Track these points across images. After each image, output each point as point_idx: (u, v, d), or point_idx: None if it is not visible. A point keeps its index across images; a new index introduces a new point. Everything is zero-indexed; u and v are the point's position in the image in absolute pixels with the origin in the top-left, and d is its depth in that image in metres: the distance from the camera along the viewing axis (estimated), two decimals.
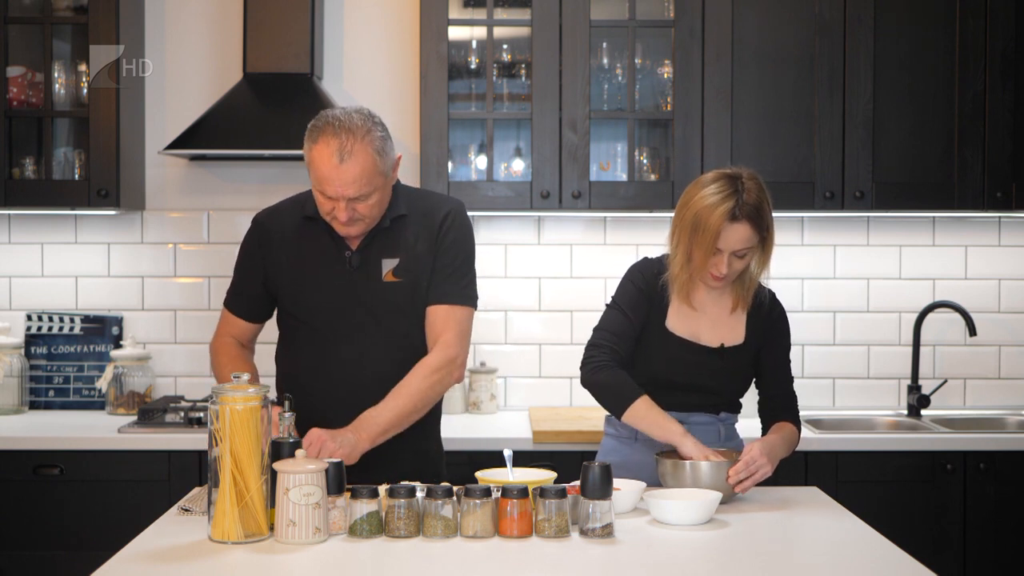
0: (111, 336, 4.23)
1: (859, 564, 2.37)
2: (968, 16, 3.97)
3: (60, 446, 3.71)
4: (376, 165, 2.76)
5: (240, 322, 3.05)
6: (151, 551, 2.36)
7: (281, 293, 2.95)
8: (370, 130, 2.76)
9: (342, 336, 2.89)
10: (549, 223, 4.29)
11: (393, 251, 2.89)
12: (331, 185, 2.74)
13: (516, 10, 4.11)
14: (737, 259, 2.86)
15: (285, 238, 2.94)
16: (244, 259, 3.02)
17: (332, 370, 2.89)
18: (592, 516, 2.44)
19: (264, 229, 2.98)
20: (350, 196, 2.75)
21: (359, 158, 2.73)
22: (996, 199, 3.98)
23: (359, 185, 2.74)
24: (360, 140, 2.73)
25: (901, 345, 4.31)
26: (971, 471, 3.76)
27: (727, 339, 2.97)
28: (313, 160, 2.76)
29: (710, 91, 3.97)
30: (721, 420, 3.02)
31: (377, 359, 2.88)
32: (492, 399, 4.18)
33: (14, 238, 4.27)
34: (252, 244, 3.00)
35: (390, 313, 2.89)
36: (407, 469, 2.86)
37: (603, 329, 2.97)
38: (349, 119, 2.76)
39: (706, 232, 2.81)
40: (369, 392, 2.85)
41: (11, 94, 3.96)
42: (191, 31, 4.27)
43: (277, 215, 3.00)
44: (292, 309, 2.95)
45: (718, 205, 2.80)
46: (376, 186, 2.78)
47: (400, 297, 2.89)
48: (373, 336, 2.89)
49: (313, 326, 2.92)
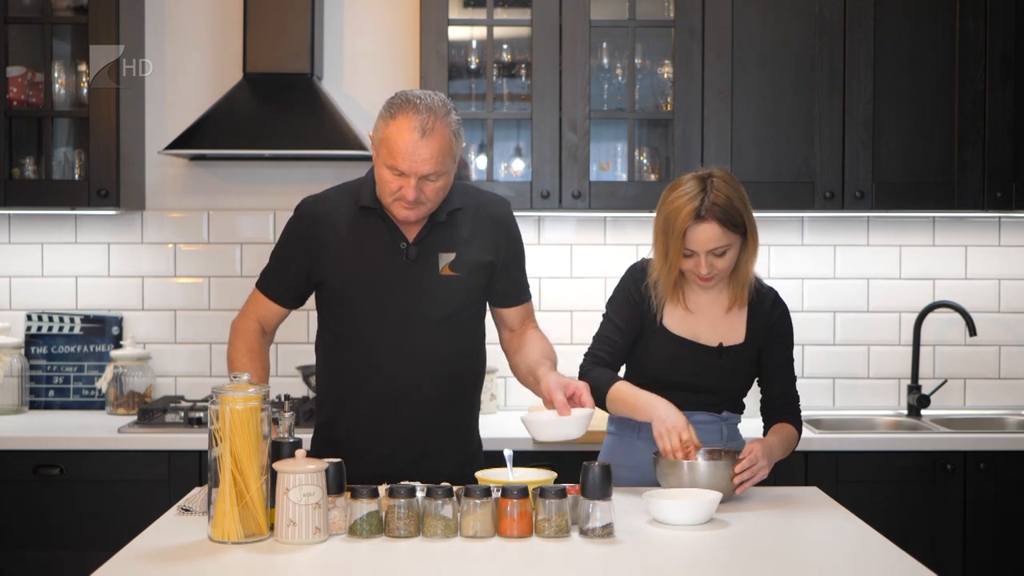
0: (111, 336, 4.23)
1: (859, 564, 2.37)
2: (968, 16, 3.98)
3: (60, 446, 3.71)
4: (452, 146, 2.78)
5: (272, 306, 2.99)
6: (151, 551, 2.36)
7: (331, 282, 2.91)
8: (449, 111, 2.79)
9: (396, 328, 2.88)
10: (549, 223, 4.29)
11: (450, 245, 2.90)
12: (408, 159, 2.73)
13: (516, 10, 4.12)
14: (716, 258, 2.88)
15: (338, 227, 2.90)
16: (289, 243, 2.96)
17: (384, 362, 2.88)
18: (592, 516, 2.45)
19: (314, 217, 2.92)
20: (424, 173, 2.74)
21: (439, 135, 2.74)
22: (996, 199, 3.98)
23: (435, 162, 2.75)
24: (441, 119, 2.76)
25: (901, 345, 4.32)
26: (971, 471, 3.76)
27: (726, 338, 2.98)
28: (390, 135, 2.75)
29: (710, 91, 3.97)
30: (723, 419, 3.02)
31: (430, 351, 2.89)
32: (492, 399, 4.18)
33: (14, 238, 4.27)
34: (300, 229, 2.94)
35: (445, 306, 2.90)
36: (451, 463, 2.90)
37: (596, 338, 3.05)
38: (430, 99, 2.78)
39: (674, 233, 2.86)
40: (420, 384, 2.87)
41: (11, 94, 3.96)
42: (191, 31, 4.27)
43: (327, 203, 2.95)
44: (343, 298, 2.91)
45: (684, 206, 2.84)
46: (447, 168, 2.80)
47: (455, 291, 2.91)
48: (427, 328, 2.89)
49: (366, 317, 2.89)
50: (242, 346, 2.95)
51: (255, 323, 2.99)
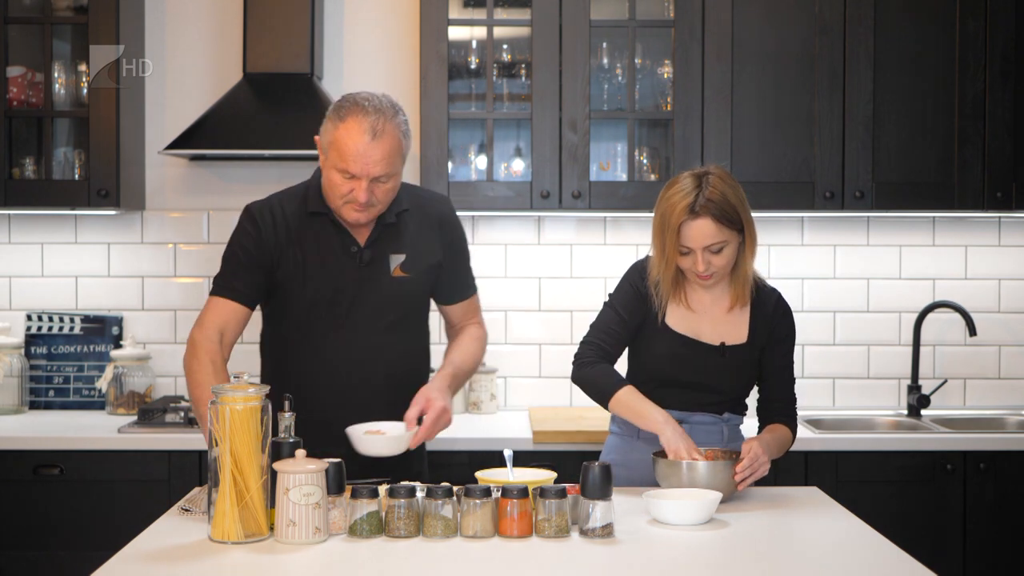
0: (111, 336, 4.23)
1: (859, 564, 2.37)
2: (968, 16, 3.97)
3: (60, 446, 3.71)
4: (401, 147, 2.80)
5: (235, 308, 2.88)
6: (151, 551, 2.36)
7: (285, 287, 2.91)
8: (397, 112, 2.81)
9: (351, 331, 2.90)
10: (549, 223, 4.29)
11: (399, 247, 2.93)
12: (359, 162, 2.74)
13: (516, 10, 4.11)
14: (713, 255, 2.88)
15: (289, 231, 2.90)
16: (246, 244, 2.90)
17: (339, 364, 2.90)
18: (592, 516, 2.45)
19: (266, 221, 2.90)
20: (376, 175, 2.76)
21: (390, 136, 2.76)
22: (996, 199, 3.98)
23: (386, 164, 2.76)
24: (391, 120, 2.77)
25: (901, 345, 4.31)
26: (971, 471, 3.76)
27: (728, 338, 2.98)
28: (340, 138, 2.75)
29: (710, 91, 3.97)
30: (724, 421, 3.02)
31: (383, 352, 2.92)
32: (492, 399, 4.18)
33: (14, 238, 4.27)
34: (253, 231, 2.90)
35: (398, 307, 2.94)
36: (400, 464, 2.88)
37: (596, 327, 3.02)
38: (378, 100, 2.79)
39: (669, 229, 2.87)
40: (377, 384, 2.90)
41: (11, 94, 3.96)
42: (191, 31, 4.27)
43: (275, 208, 2.93)
44: (297, 303, 2.91)
45: (679, 202, 2.86)
46: (397, 169, 2.81)
47: (407, 292, 2.95)
48: (381, 330, 2.92)
49: (320, 320, 2.90)
50: (205, 357, 2.83)
51: (215, 333, 2.88)
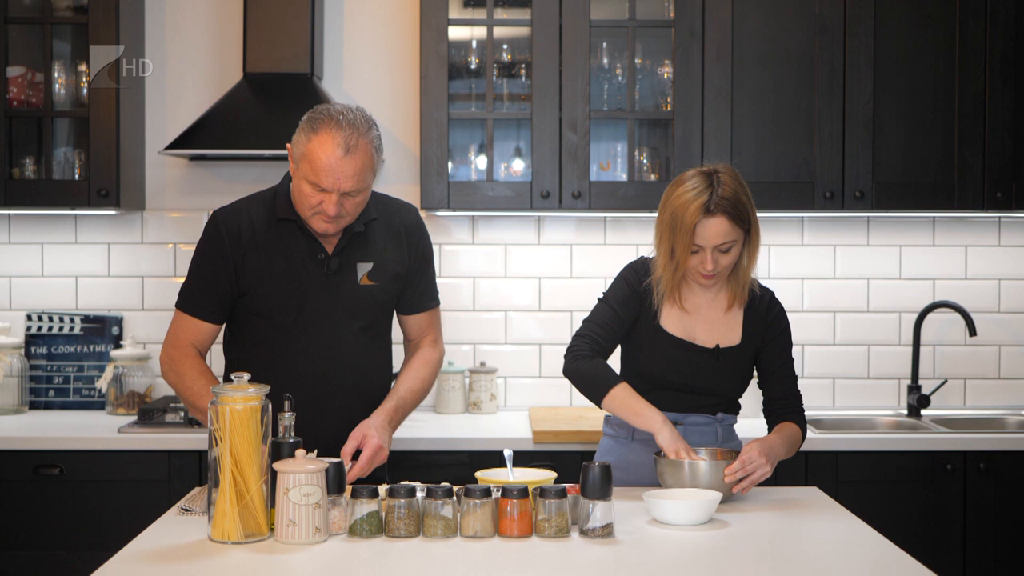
0: (111, 336, 4.23)
1: (859, 564, 2.37)
2: (968, 16, 3.98)
3: (60, 446, 3.71)
4: (373, 162, 2.81)
5: (203, 326, 2.92)
6: (151, 551, 2.36)
7: (252, 294, 2.89)
8: (370, 128, 2.81)
9: (317, 339, 2.91)
10: (549, 223, 4.29)
11: (366, 255, 2.94)
12: (330, 176, 2.74)
13: (516, 10, 4.12)
14: (721, 254, 2.87)
15: (256, 238, 2.89)
16: (212, 257, 2.89)
17: (304, 371, 2.90)
18: (592, 516, 2.45)
19: (233, 229, 2.88)
20: (347, 190, 2.76)
21: (362, 152, 2.76)
22: (996, 199, 3.98)
23: (357, 179, 2.76)
24: (364, 135, 2.77)
25: (901, 345, 4.32)
26: (971, 471, 3.76)
27: (722, 340, 2.97)
28: (312, 151, 2.75)
29: (710, 91, 3.97)
30: (718, 421, 3.01)
31: (350, 360, 2.93)
32: (492, 399, 4.18)
33: (14, 238, 4.27)
34: (219, 242, 2.89)
35: (365, 315, 2.95)
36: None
37: (590, 321, 3.01)
38: (352, 114, 2.79)
39: (683, 228, 2.84)
40: (345, 393, 2.92)
41: (11, 94, 3.96)
42: (191, 31, 4.27)
43: (241, 214, 2.91)
44: (263, 310, 2.90)
45: (693, 200, 2.83)
46: (367, 184, 2.82)
47: (374, 300, 2.96)
48: (348, 338, 2.93)
49: (286, 328, 2.90)
50: (191, 364, 2.87)
51: (191, 348, 2.91)
